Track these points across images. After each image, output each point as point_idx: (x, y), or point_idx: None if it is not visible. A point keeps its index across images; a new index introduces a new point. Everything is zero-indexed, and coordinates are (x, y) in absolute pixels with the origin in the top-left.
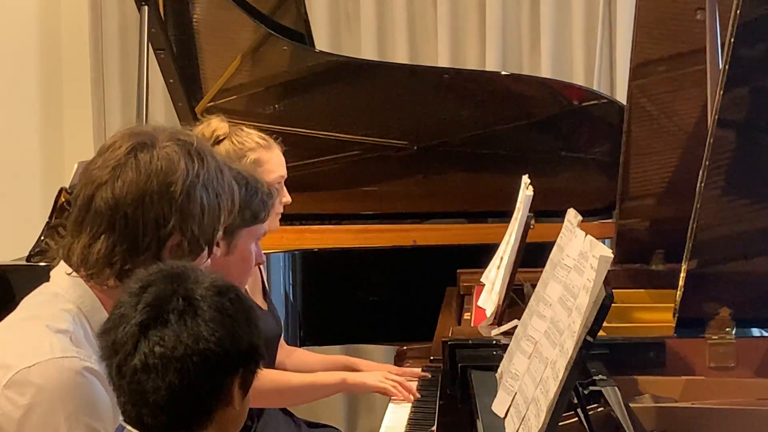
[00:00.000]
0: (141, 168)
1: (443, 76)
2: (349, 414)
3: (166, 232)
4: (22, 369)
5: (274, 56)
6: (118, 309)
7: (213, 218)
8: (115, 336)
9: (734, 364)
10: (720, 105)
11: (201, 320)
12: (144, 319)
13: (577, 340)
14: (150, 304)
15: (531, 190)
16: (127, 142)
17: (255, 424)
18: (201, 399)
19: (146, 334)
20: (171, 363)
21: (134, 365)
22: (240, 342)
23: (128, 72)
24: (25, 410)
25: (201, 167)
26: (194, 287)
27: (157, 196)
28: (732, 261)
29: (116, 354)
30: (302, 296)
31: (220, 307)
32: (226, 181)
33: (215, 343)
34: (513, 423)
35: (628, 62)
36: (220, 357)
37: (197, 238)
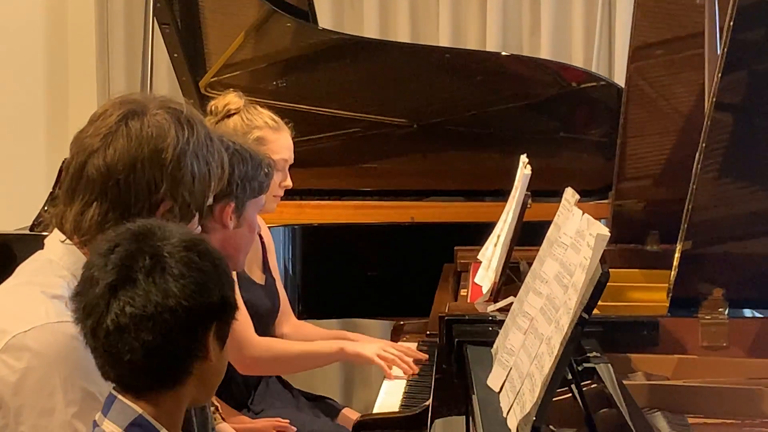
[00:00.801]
0: (132, 135)
1: (444, 56)
2: (345, 386)
3: (158, 197)
4: (18, 334)
5: (278, 33)
6: (89, 271)
7: (203, 184)
8: (86, 299)
9: (726, 344)
10: (718, 88)
11: (169, 276)
12: (113, 280)
13: (572, 317)
14: (118, 264)
15: (529, 169)
16: (118, 110)
17: (253, 395)
18: (177, 355)
19: (116, 295)
20: (143, 322)
21: (107, 327)
22: (210, 294)
23: (133, 46)
24: (21, 374)
25: (191, 134)
26: (161, 244)
27: (148, 163)
28: (726, 242)
29: (89, 316)
30: (301, 270)
31: (188, 262)
32: (216, 149)
33: (185, 298)
34: (508, 397)
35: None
36: (191, 311)
37: (188, 203)
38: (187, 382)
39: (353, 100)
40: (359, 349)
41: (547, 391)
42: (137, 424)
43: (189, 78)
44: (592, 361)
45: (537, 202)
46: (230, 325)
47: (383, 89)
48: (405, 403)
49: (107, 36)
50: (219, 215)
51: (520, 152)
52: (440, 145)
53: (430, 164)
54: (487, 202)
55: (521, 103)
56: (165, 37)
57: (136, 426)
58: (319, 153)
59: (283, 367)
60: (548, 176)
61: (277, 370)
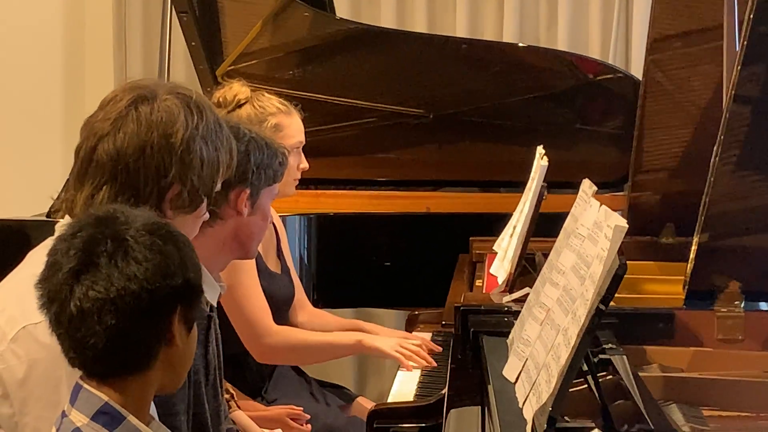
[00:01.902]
0: (142, 120)
1: (461, 47)
2: (359, 376)
3: (167, 182)
4: (29, 325)
5: (295, 22)
6: (52, 256)
7: (212, 170)
8: (50, 285)
9: (742, 337)
10: (737, 81)
11: (131, 260)
12: (74, 265)
13: (589, 308)
14: (80, 248)
15: (546, 161)
16: (128, 95)
17: (267, 383)
18: (141, 339)
19: (79, 280)
20: (105, 306)
21: (70, 312)
22: (174, 278)
23: (150, 34)
24: (29, 365)
25: (200, 120)
26: (124, 228)
27: (157, 147)
28: (743, 235)
29: (53, 303)
30: (316, 259)
31: (150, 245)
32: (225, 135)
33: (147, 280)
34: (523, 388)
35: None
36: (154, 294)
37: (197, 188)
38: (153, 367)
39: (370, 90)
40: (377, 343)
41: (563, 382)
42: (104, 412)
43: (206, 66)
44: (608, 352)
45: (552, 194)
46: (196, 309)
47: (399, 79)
48: (420, 393)
49: (124, 24)
50: (234, 201)
51: (536, 143)
52: (456, 136)
53: (446, 155)
54: (502, 193)
55: (537, 95)
56: (183, 26)
57: (103, 414)
58: (335, 143)
59: (300, 357)
60: (563, 168)
61: (294, 359)
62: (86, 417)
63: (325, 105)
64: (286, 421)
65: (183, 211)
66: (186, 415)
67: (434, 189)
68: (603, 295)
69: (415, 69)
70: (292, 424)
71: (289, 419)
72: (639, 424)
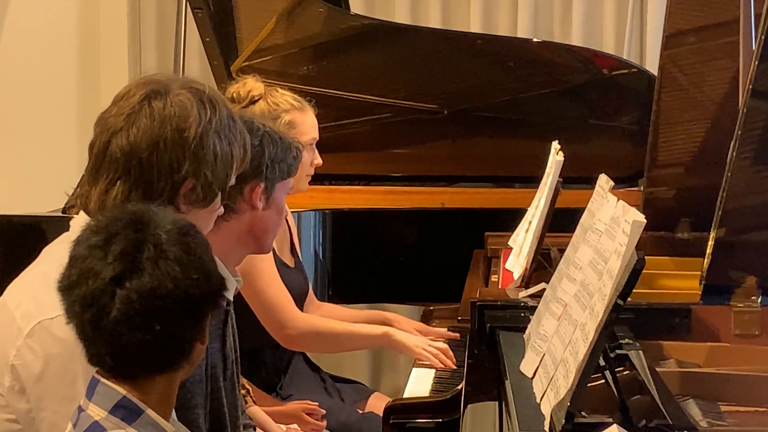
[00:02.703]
0: (155, 114)
1: (475, 42)
2: (374, 371)
3: (181, 176)
4: (45, 320)
5: (310, 18)
6: (81, 263)
7: (225, 164)
8: (84, 290)
9: (759, 332)
10: (754, 76)
11: (172, 263)
12: (118, 272)
13: (607, 303)
14: (120, 255)
15: (561, 156)
16: (141, 90)
17: (282, 379)
18: (182, 340)
19: (122, 285)
20: (152, 310)
21: (114, 317)
22: (211, 279)
23: (165, 30)
24: (45, 360)
25: (213, 114)
26: (158, 232)
27: (171, 142)
28: (760, 230)
29: (89, 308)
30: (332, 254)
31: (186, 248)
32: (238, 129)
33: (191, 284)
34: (541, 383)
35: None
36: (196, 296)
37: (210, 183)
38: (184, 365)
39: (384, 85)
40: (405, 340)
41: (581, 377)
42: (122, 405)
43: (221, 62)
44: (625, 347)
45: (567, 189)
46: (220, 307)
47: (414, 75)
48: (435, 389)
49: (139, 19)
50: (248, 196)
51: (551, 139)
52: (471, 131)
53: (461, 150)
54: (517, 188)
55: (552, 90)
56: (197, 21)
57: (121, 407)
58: (350, 138)
59: (326, 344)
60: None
61: (320, 346)
62: (104, 411)
63: (339, 100)
64: (302, 416)
65: (197, 205)
66: (204, 409)
67: (449, 184)
68: (621, 290)
69: (429, 64)
70: (308, 420)
71: (305, 414)
72: (657, 419)
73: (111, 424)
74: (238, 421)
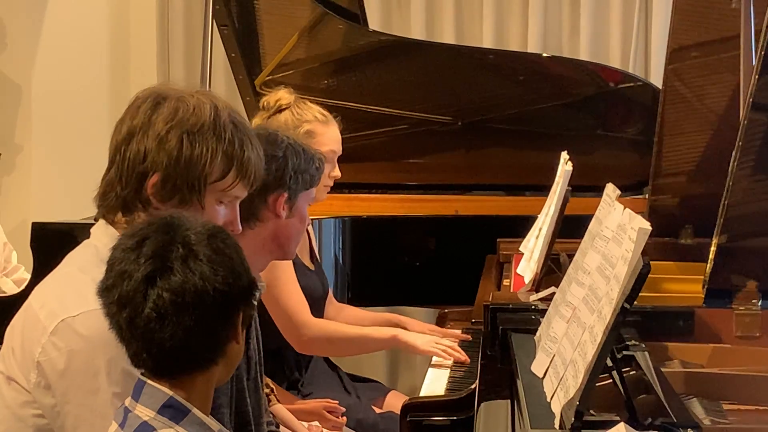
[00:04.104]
0: (134, 107)
1: (488, 57)
2: (391, 371)
3: (145, 167)
4: (68, 318)
5: (330, 34)
6: (117, 266)
7: (192, 164)
8: (120, 291)
9: (759, 334)
10: (755, 89)
11: (202, 263)
12: (149, 271)
13: (615, 307)
14: (151, 256)
15: (570, 165)
16: (146, 95)
17: (303, 376)
18: (215, 337)
19: (154, 284)
20: (183, 307)
21: (147, 315)
22: (241, 277)
23: (192, 46)
24: (67, 357)
25: (190, 114)
26: (188, 234)
27: (141, 134)
28: (760, 237)
29: (124, 308)
30: (351, 260)
31: (216, 249)
32: (217, 136)
33: (220, 282)
34: (551, 383)
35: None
36: (226, 294)
37: (174, 179)
38: (219, 363)
39: (400, 98)
40: (412, 340)
41: (589, 377)
42: (169, 405)
43: (245, 76)
44: (631, 349)
45: (575, 197)
46: (252, 308)
47: (429, 88)
48: (450, 388)
49: (168, 37)
50: (272, 205)
51: (560, 149)
52: (483, 142)
53: (474, 160)
54: (527, 197)
55: (561, 102)
56: (223, 38)
57: (168, 407)
58: (367, 149)
59: (337, 349)
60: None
61: (332, 350)
62: (152, 411)
63: (358, 113)
64: (323, 413)
65: (170, 203)
66: (229, 408)
67: (462, 193)
68: (628, 294)
69: (443, 78)
70: (328, 417)
71: (326, 412)
72: (662, 417)
73: (160, 423)
74: (262, 419)
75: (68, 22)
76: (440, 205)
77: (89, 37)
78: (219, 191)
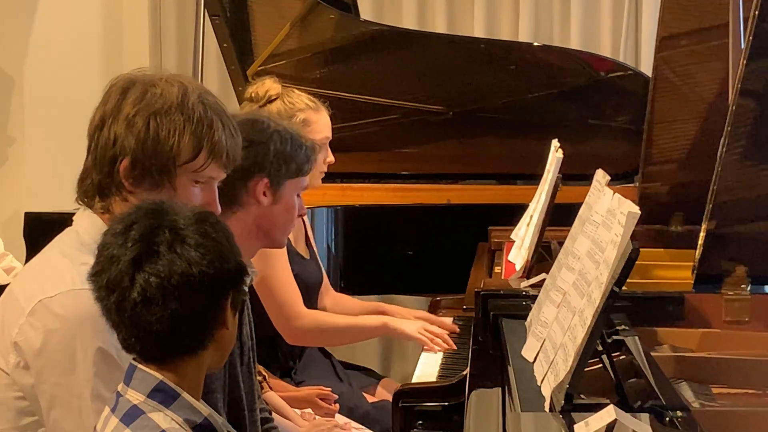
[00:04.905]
0: (108, 94)
1: (479, 46)
2: (384, 358)
3: (115, 151)
4: (45, 299)
5: (321, 24)
6: (106, 251)
7: (159, 146)
8: (108, 276)
9: (748, 319)
10: (743, 75)
11: (189, 247)
12: (136, 255)
13: (604, 291)
14: (138, 240)
15: (560, 153)
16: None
17: (296, 364)
18: (201, 322)
19: (140, 268)
20: (169, 291)
21: (133, 299)
22: (228, 261)
23: (185, 36)
24: (45, 335)
25: (157, 97)
26: (176, 218)
27: (111, 120)
28: (749, 222)
29: (113, 292)
30: (344, 248)
31: (203, 233)
32: (185, 116)
33: (206, 265)
34: (542, 367)
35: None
36: (213, 278)
37: (143, 162)
38: (208, 348)
39: (393, 88)
40: (402, 326)
41: (579, 361)
42: (159, 389)
43: (237, 67)
44: (621, 333)
45: (566, 185)
46: (242, 293)
47: (421, 78)
48: (442, 374)
49: (160, 27)
50: (252, 189)
51: (551, 138)
52: (475, 131)
53: (466, 149)
54: (519, 185)
55: (552, 92)
56: (215, 28)
57: (158, 391)
58: (360, 138)
59: (328, 339)
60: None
61: (323, 341)
62: (143, 395)
63: (350, 103)
64: (316, 401)
65: (143, 187)
66: (222, 393)
67: (454, 182)
68: (617, 278)
69: (435, 68)
70: (321, 404)
71: (318, 399)
72: (652, 400)
73: (149, 407)
74: (255, 405)
75: (60, 12)
76: (432, 194)
77: (81, 28)
78: (192, 172)
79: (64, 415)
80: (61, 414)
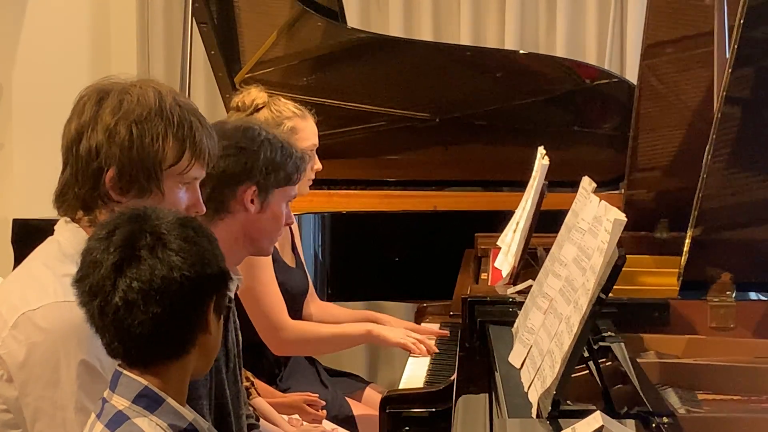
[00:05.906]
0: (80, 105)
1: (465, 54)
2: (370, 364)
3: (99, 162)
4: (28, 311)
5: (309, 32)
6: (89, 256)
7: (145, 152)
8: (91, 281)
9: (733, 325)
10: (728, 83)
11: (171, 251)
12: (117, 260)
13: (591, 297)
14: (120, 245)
15: (547, 160)
16: (92, 94)
17: (282, 371)
18: (183, 326)
19: (122, 273)
20: (150, 295)
21: (115, 303)
22: (210, 266)
23: (172, 44)
24: (28, 348)
25: (135, 104)
26: (158, 223)
27: (90, 131)
28: (734, 229)
29: (95, 297)
30: (330, 255)
31: (185, 237)
32: (165, 120)
33: (188, 269)
34: (528, 373)
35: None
36: (195, 282)
37: (130, 170)
38: (191, 353)
39: (379, 95)
40: (385, 333)
41: (566, 368)
42: (144, 395)
43: (225, 74)
44: (608, 340)
45: (552, 192)
46: (226, 298)
47: (407, 85)
48: (429, 380)
49: (147, 35)
50: (240, 196)
51: (537, 145)
52: (461, 138)
53: (452, 156)
54: (505, 192)
55: (538, 99)
56: (203, 36)
57: (143, 397)
58: (347, 145)
59: (313, 348)
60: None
61: (309, 351)
62: (127, 401)
63: (337, 110)
64: (303, 407)
65: (130, 195)
66: (208, 399)
67: (441, 188)
68: (603, 284)
69: (421, 75)
70: (308, 410)
71: (306, 405)
72: (638, 406)
73: (134, 412)
74: (241, 411)
75: (48, 19)
76: (419, 201)
77: (69, 34)
78: (177, 175)
79: (48, 428)
80: (45, 426)
